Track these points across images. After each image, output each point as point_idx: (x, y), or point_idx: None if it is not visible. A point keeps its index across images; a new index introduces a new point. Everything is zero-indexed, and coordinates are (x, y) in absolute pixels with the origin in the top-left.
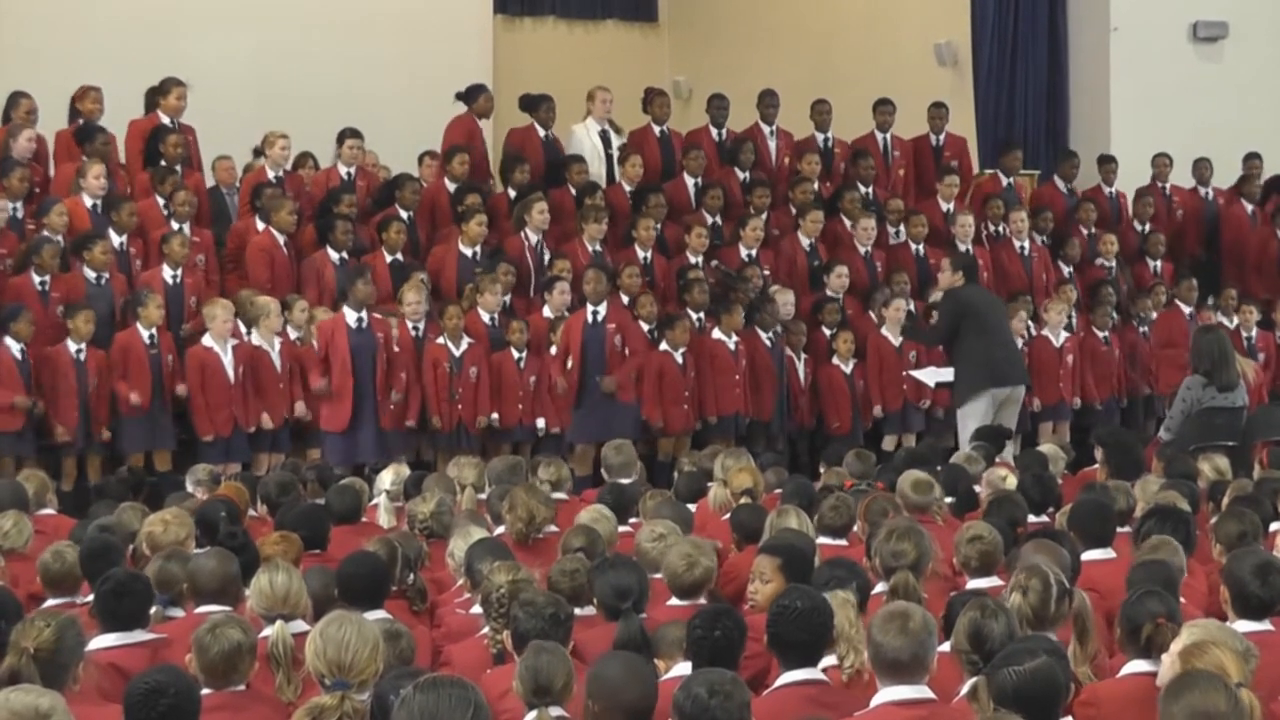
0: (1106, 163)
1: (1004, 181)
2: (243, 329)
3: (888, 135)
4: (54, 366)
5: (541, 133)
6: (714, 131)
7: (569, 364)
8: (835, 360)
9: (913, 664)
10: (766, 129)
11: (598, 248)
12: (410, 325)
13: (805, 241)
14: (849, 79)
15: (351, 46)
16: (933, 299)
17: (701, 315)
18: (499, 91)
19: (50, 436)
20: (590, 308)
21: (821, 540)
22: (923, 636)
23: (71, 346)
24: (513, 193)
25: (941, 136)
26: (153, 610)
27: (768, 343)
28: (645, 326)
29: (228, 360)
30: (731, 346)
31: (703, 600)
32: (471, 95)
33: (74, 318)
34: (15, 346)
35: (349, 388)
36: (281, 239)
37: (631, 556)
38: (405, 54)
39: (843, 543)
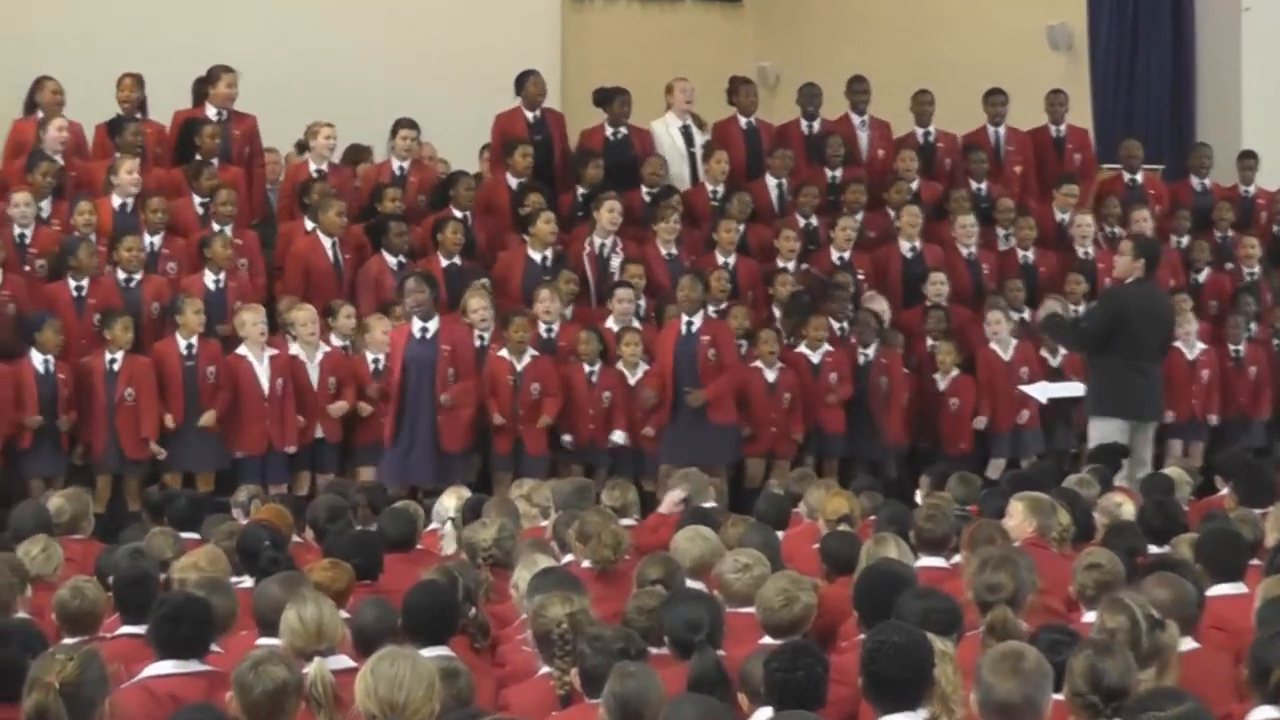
0: (1246, 158)
1: (1128, 178)
2: (288, 339)
3: (1000, 129)
4: (88, 380)
5: (609, 131)
6: (804, 125)
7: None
8: (937, 374)
9: (1025, 707)
10: (857, 119)
11: (673, 250)
12: (476, 335)
13: (906, 245)
14: (951, 65)
15: (407, 32)
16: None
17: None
18: (568, 80)
19: (83, 455)
20: (685, 318)
21: (921, 562)
22: (1036, 678)
23: (106, 357)
24: (583, 191)
25: (1062, 127)
26: None
27: (863, 356)
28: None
29: (262, 371)
30: (816, 359)
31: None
32: (519, 83)
33: (111, 326)
34: (39, 359)
35: (398, 405)
36: (328, 242)
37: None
38: (465, 40)
39: (941, 562)
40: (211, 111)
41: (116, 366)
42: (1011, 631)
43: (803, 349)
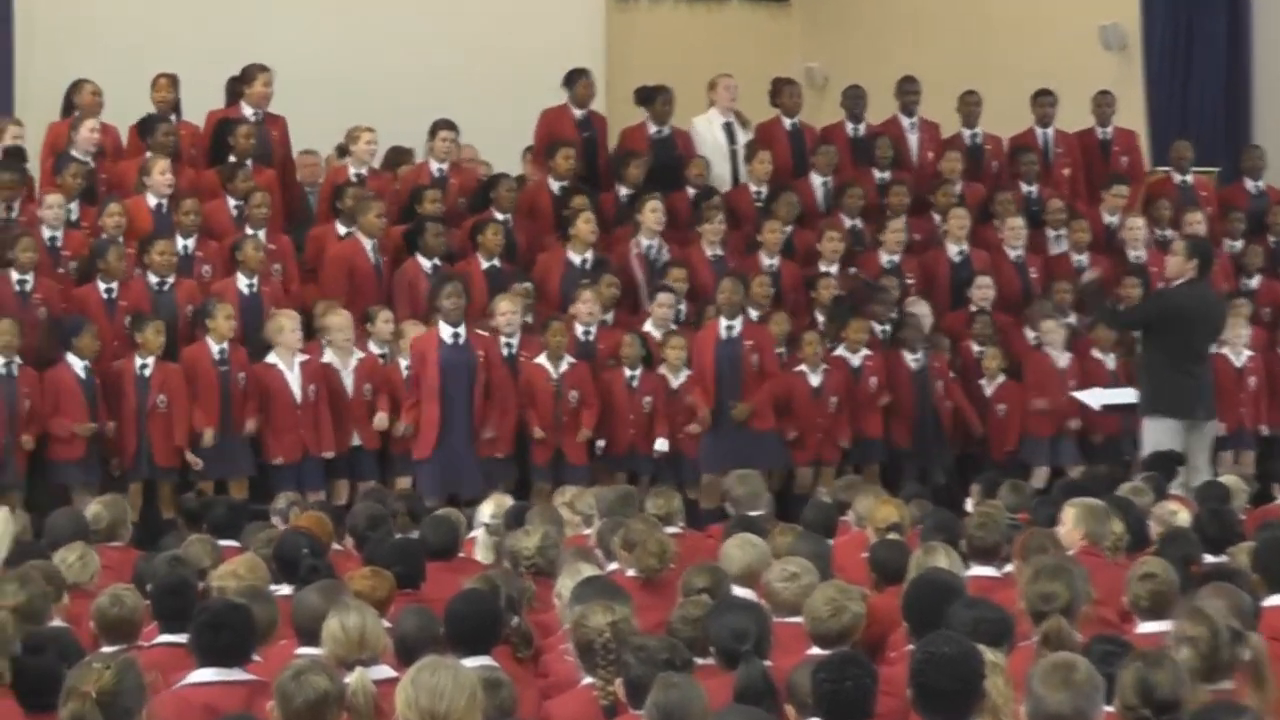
0: None
1: (1178, 179)
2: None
3: (1049, 130)
4: (118, 385)
5: (652, 129)
6: (850, 126)
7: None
8: (983, 380)
9: None
10: (906, 121)
11: (718, 251)
12: (503, 341)
13: (954, 249)
14: (1002, 66)
15: (446, 31)
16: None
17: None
18: (611, 80)
19: (116, 463)
20: (725, 321)
21: (972, 572)
22: (1088, 690)
23: (138, 361)
24: (624, 191)
25: (1109, 129)
26: None
27: (912, 363)
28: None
29: (293, 378)
30: (857, 364)
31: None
32: (570, 81)
33: (142, 330)
34: (79, 364)
35: (434, 412)
36: (369, 245)
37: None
38: (508, 39)
39: (992, 571)
40: (248, 112)
41: (148, 372)
42: (1066, 642)
43: (842, 352)
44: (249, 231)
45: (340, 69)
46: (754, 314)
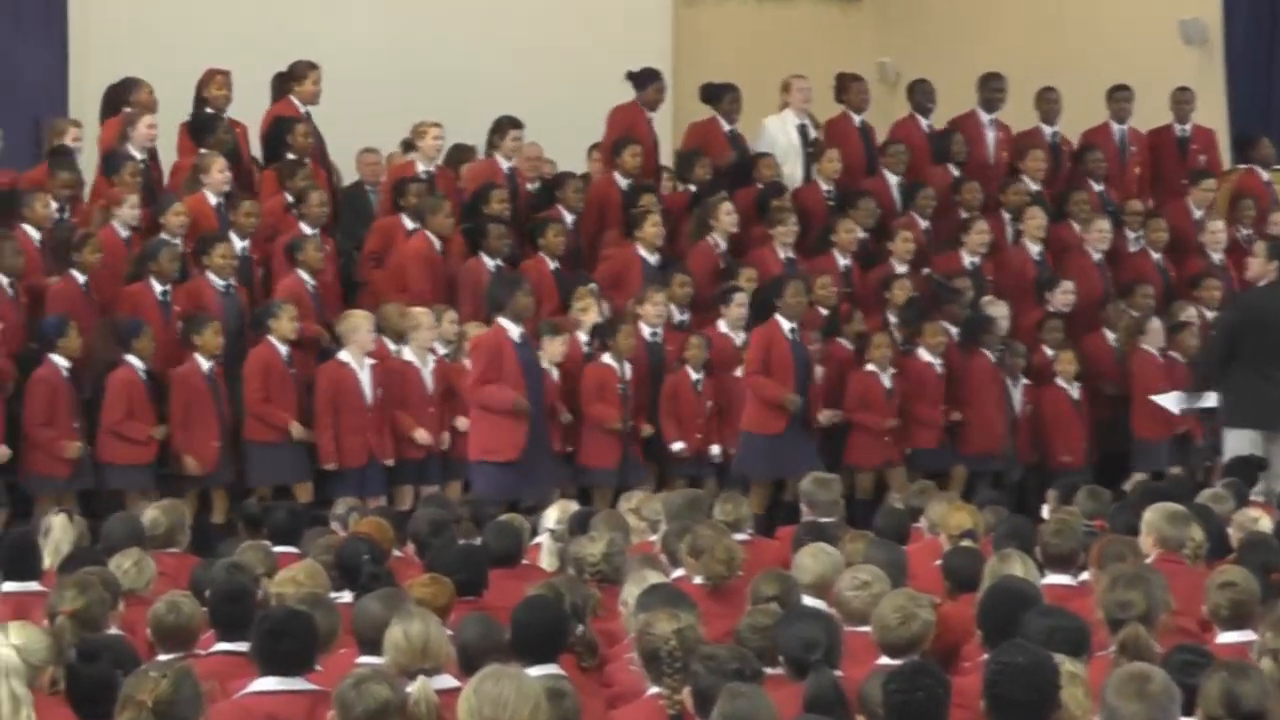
0: None
1: (1264, 177)
2: (389, 345)
3: (1124, 127)
4: (186, 388)
5: (725, 126)
6: (922, 122)
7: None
8: (1059, 383)
9: None
10: (985, 118)
11: (790, 254)
12: (584, 341)
13: (1033, 249)
14: (1078, 62)
15: (509, 28)
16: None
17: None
18: (679, 79)
19: (177, 467)
20: (787, 323)
21: (1048, 580)
22: (1163, 701)
23: (202, 364)
24: (692, 189)
25: (1187, 127)
26: None
27: (991, 364)
28: (847, 345)
29: (365, 379)
30: (938, 367)
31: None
32: (642, 81)
33: (200, 331)
34: (140, 367)
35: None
36: (438, 244)
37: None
38: (571, 36)
39: (1068, 579)
40: (301, 108)
41: (213, 374)
42: (1145, 651)
43: (922, 355)
44: (306, 230)
45: (402, 66)
46: (824, 311)
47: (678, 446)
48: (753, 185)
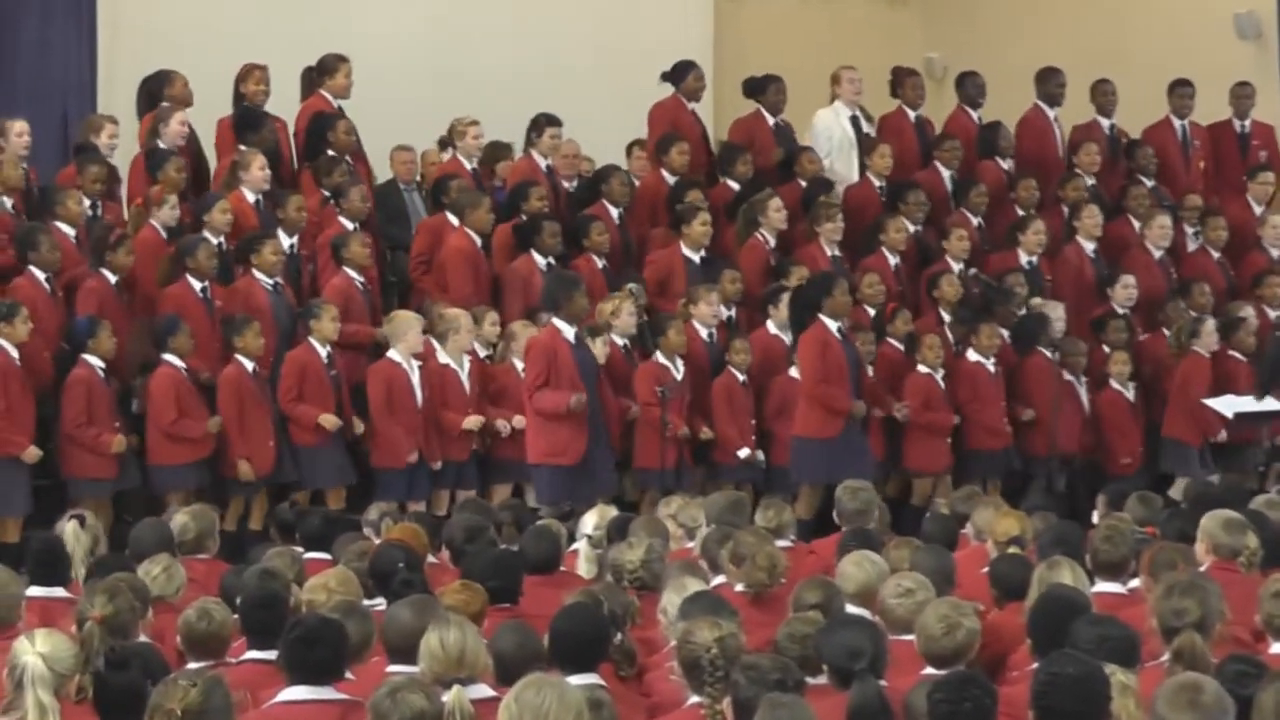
0: None
1: None
2: (435, 345)
3: (1185, 122)
4: (235, 391)
5: (770, 120)
6: (973, 115)
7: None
8: (1114, 384)
9: None
10: (1050, 113)
11: (837, 252)
12: (622, 342)
13: (1089, 246)
14: (1129, 57)
15: (546, 23)
16: None
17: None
18: (722, 75)
19: (229, 471)
20: (833, 323)
21: (1098, 588)
22: (1215, 713)
23: (246, 365)
24: (735, 186)
25: (1247, 122)
26: None
27: (1048, 365)
28: (897, 345)
29: (416, 379)
30: (991, 369)
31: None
32: (678, 74)
33: (242, 332)
34: (181, 365)
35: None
36: (479, 241)
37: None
38: (610, 31)
39: (1119, 587)
40: (334, 103)
41: (259, 375)
42: (1200, 660)
43: (976, 357)
44: (349, 226)
45: (435, 62)
46: (870, 310)
47: (744, 453)
48: (795, 181)
